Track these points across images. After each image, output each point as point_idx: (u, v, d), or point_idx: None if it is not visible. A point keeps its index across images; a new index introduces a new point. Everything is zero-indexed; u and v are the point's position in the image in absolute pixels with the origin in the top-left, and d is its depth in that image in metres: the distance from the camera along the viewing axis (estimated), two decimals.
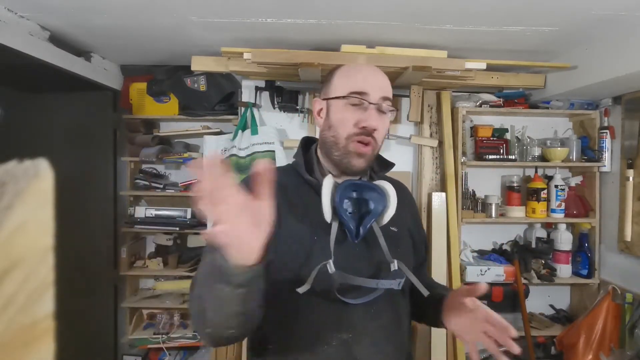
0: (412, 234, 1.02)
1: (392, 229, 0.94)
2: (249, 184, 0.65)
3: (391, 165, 1.03)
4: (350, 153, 0.90)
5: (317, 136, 1.01)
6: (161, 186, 2.43)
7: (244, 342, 2.10)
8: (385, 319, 0.89)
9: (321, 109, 0.96)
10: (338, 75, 0.95)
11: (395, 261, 0.87)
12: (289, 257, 0.87)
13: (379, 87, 0.91)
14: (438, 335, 2.08)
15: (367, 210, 0.89)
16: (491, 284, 2.18)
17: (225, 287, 0.62)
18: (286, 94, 2.15)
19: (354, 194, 0.90)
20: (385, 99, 0.91)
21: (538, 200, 2.22)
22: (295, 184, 0.95)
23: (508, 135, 2.33)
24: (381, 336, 0.88)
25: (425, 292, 0.87)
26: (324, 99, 0.96)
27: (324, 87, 0.98)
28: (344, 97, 0.90)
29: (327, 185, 0.87)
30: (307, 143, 1.04)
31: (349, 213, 0.88)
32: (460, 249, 2.21)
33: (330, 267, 0.81)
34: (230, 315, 0.67)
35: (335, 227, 0.87)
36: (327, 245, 0.85)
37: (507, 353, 0.86)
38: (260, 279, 0.64)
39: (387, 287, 0.85)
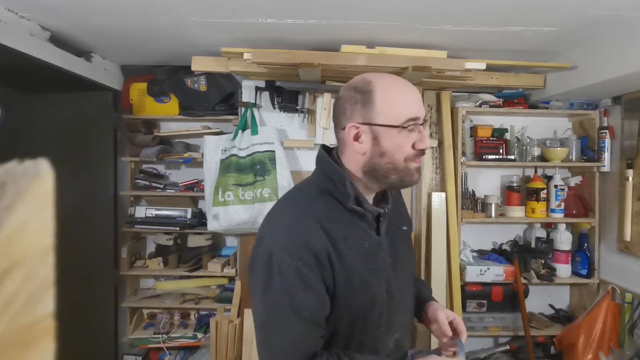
0: (410, 225, 1.13)
1: (404, 228, 1.06)
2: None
3: None
4: (410, 171, 0.89)
5: (348, 158, 0.92)
6: (161, 186, 2.43)
7: (246, 343, 2.10)
8: (410, 311, 1.06)
9: (358, 134, 0.87)
10: (382, 96, 0.86)
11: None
12: (355, 291, 0.88)
13: (421, 105, 0.90)
14: None
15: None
16: (491, 284, 2.18)
17: None
18: (286, 94, 2.16)
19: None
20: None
21: (538, 200, 2.22)
22: (338, 213, 0.90)
23: (508, 135, 2.33)
24: (410, 325, 1.06)
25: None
26: (365, 124, 0.86)
27: (360, 110, 0.87)
28: (404, 127, 0.85)
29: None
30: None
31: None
32: (460, 248, 2.21)
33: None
34: None
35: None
36: (376, 269, 0.93)
37: (508, 352, 0.95)
38: None
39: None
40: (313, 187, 0.93)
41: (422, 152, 0.88)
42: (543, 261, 2.25)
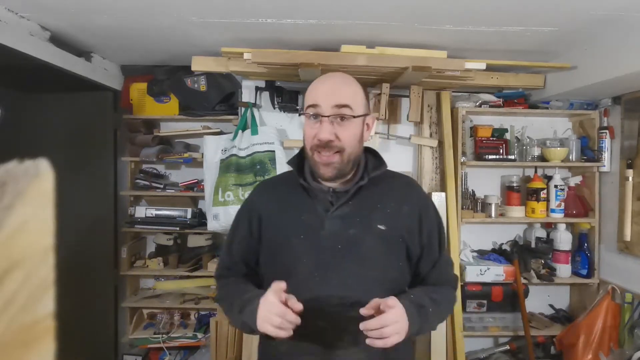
0: (410, 231, 1.03)
1: (380, 227, 1.00)
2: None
3: (383, 166, 1.07)
4: (317, 163, 0.97)
5: None
6: (161, 186, 2.43)
7: (246, 343, 2.10)
8: (350, 315, 0.93)
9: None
10: (307, 90, 1.02)
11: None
12: (279, 251, 1.02)
13: (331, 95, 0.95)
14: (438, 336, 2.08)
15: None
16: (491, 284, 2.18)
17: (243, 326, 0.96)
18: (286, 94, 2.16)
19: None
20: (340, 106, 0.95)
21: (538, 200, 2.22)
22: (293, 187, 1.05)
23: (508, 135, 2.33)
24: (356, 327, 0.88)
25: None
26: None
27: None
28: (303, 113, 1.00)
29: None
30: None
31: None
32: (460, 248, 2.21)
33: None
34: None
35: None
36: (310, 243, 0.99)
37: (508, 352, 0.91)
38: None
39: None
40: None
41: (321, 143, 0.95)
42: (543, 261, 2.25)
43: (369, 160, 1.06)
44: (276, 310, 0.84)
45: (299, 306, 0.86)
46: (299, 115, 1.04)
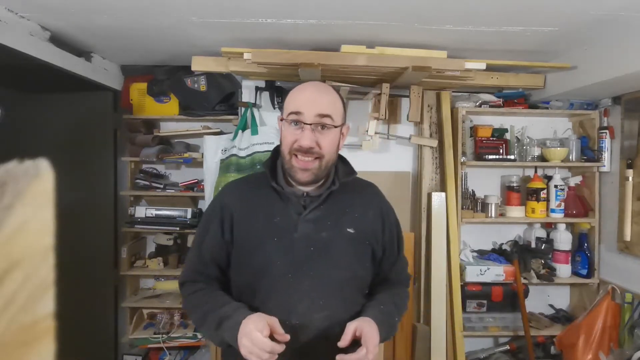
0: (375, 234, 1.10)
1: (349, 230, 1.06)
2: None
3: (354, 173, 1.12)
4: (293, 167, 1.01)
5: None
6: (161, 186, 2.43)
7: None
8: (333, 310, 1.01)
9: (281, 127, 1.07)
10: (287, 96, 1.06)
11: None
12: (252, 253, 1.03)
13: (314, 105, 0.99)
14: (438, 336, 2.08)
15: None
16: (491, 284, 2.18)
17: (220, 342, 0.98)
18: (286, 94, 2.14)
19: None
20: (322, 115, 0.99)
21: (537, 200, 2.22)
22: (264, 189, 1.07)
23: (508, 135, 2.33)
24: (327, 325, 0.99)
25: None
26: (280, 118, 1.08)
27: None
28: (284, 119, 1.03)
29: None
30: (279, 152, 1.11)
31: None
32: (460, 248, 2.21)
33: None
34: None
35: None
36: (283, 245, 1.01)
37: (508, 352, 0.93)
38: None
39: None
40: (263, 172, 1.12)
41: (301, 149, 0.98)
42: (543, 261, 2.25)
43: (339, 166, 1.10)
44: (264, 347, 0.84)
45: (286, 337, 0.89)
46: (281, 120, 1.03)
